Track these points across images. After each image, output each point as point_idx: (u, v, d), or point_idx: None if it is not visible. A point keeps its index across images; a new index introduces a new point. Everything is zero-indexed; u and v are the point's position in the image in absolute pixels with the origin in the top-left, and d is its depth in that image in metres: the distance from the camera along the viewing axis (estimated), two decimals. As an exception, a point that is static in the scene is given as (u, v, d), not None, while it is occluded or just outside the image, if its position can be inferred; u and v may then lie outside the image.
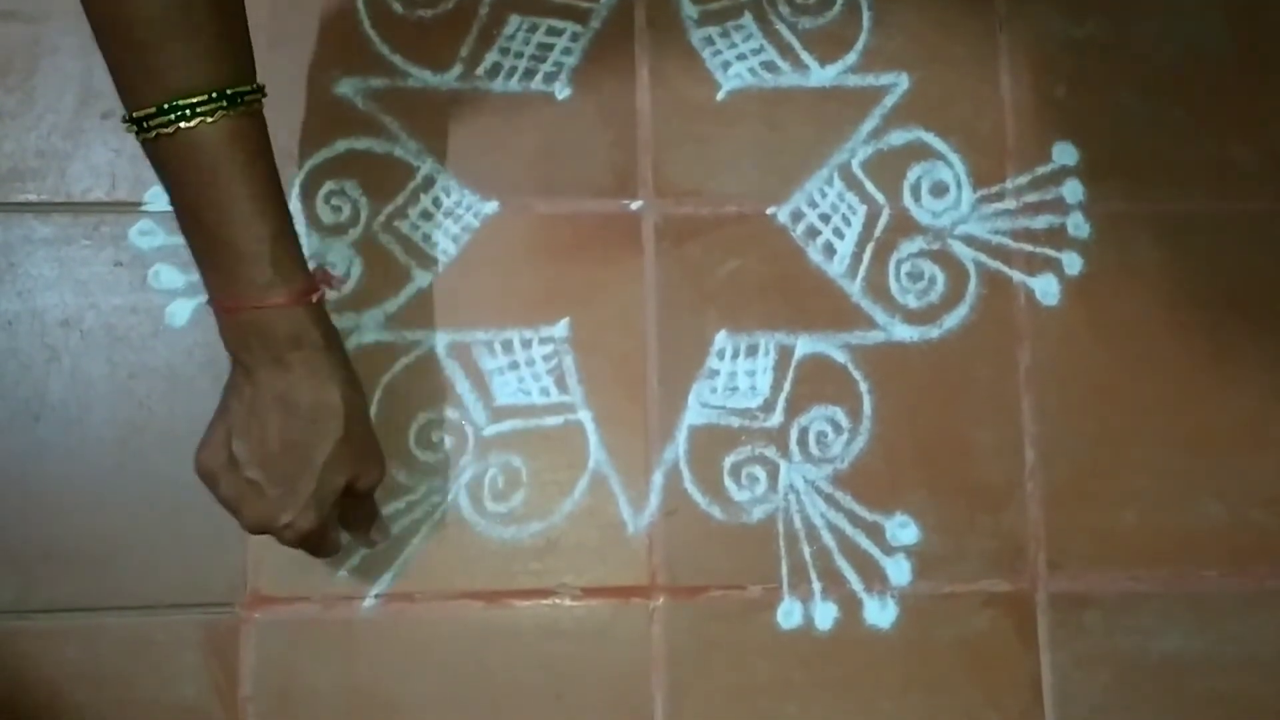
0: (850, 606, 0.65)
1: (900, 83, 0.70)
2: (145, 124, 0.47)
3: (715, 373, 0.67)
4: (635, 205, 0.68)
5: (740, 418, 0.67)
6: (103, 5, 0.46)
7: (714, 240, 0.68)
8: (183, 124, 0.46)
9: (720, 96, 0.70)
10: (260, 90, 0.49)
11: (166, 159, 0.48)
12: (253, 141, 0.49)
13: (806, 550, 0.66)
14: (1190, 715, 0.66)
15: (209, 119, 0.46)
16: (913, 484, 0.67)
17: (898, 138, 0.70)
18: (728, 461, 0.66)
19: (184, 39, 0.46)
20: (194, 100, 0.46)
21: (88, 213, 0.66)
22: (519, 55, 0.69)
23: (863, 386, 0.67)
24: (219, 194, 0.48)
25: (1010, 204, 0.70)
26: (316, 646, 0.63)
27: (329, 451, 0.51)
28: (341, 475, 0.52)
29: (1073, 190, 0.70)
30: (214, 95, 0.46)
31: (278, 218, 0.50)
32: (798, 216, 0.69)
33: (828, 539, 0.66)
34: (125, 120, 0.47)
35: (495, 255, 0.67)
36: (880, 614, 0.65)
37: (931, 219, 0.69)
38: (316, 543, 0.54)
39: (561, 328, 0.67)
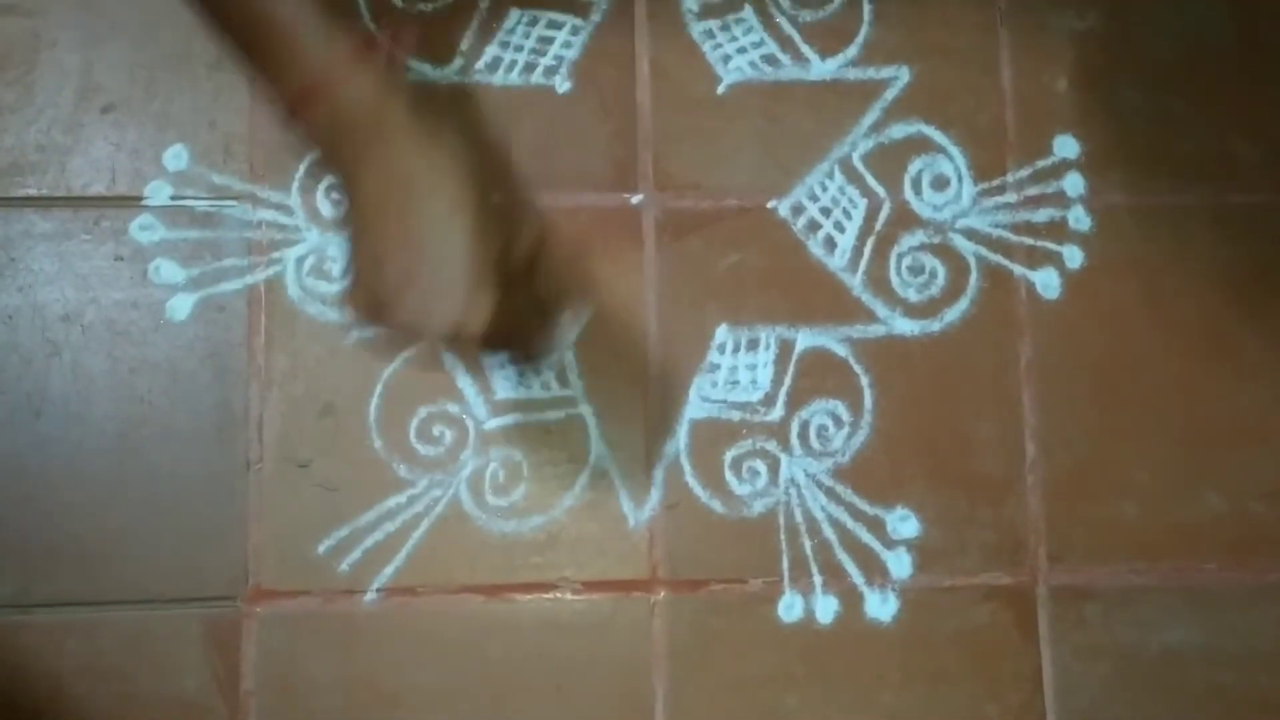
0: (851, 600, 0.66)
1: (901, 76, 0.70)
2: None
3: (716, 366, 0.67)
4: (636, 199, 0.68)
5: (741, 411, 0.67)
6: None
7: (715, 234, 0.68)
8: None
9: (721, 90, 0.70)
10: None
11: None
12: None
13: (807, 544, 0.66)
14: (1190, 708, 0.66)
15: None
16: (913, 477, 0.67)
17: (898, 131, 0.70)
18: (728, 455, 0.66)
19: None
20: None
21: (88, 207, 0.66)
22: (519, 49, 0.69)
23: (864, 380, 0.67)
24: None
25: (1011, 197, 0.70)
26: (318, 640, 0.63)
27: (470, 213, 0.47)
28: (494, 238, 0.48)
29: (1073, 183, 0.70)
30: None
31: None
32: (798, 210, 0.69)
33: (828, 532, 0.66)
34: None
35: (496, 249, 0.67)
36: (881, 607, 0.66)
37: (932, 212, 0.69)
38: (515, 339, 0.49)
39: (562, 322, 0.67)
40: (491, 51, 0.69)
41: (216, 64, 0.67)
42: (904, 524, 0.66)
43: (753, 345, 0.67)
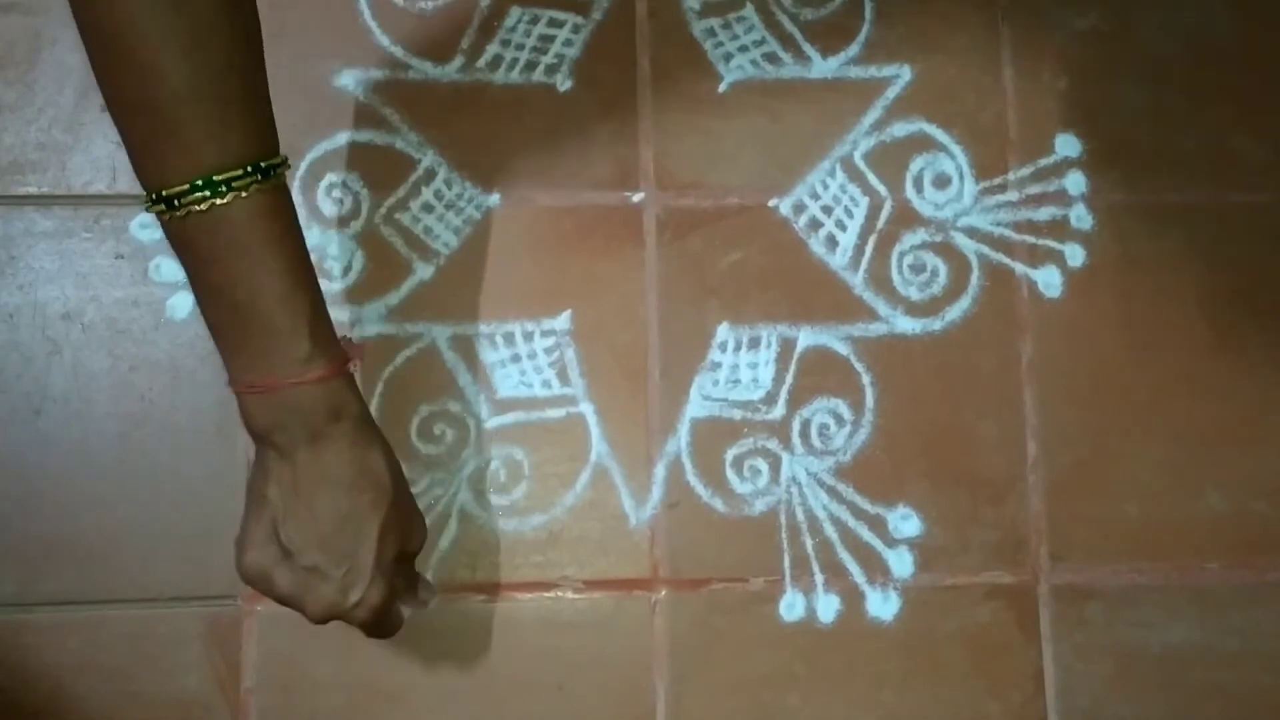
0: (852, 599, 0.66)
1: (902, 74, 0.70)
2: (176, 202, 0.44)
3: (717, 365, 0.67)
4: (637, 197, 0.68)
5: (742, 410, 0.67)
6: (129, 85, 0.43)
7: (716, 232, 0.68)
8: (217, 200, 0.44)
9: (722, 88, 0.69)
10: (285, 161, 0.47)
11: (196, 238, 0.45)
12: (284, 213, 0.46)
13: (809, 542, 0.66)
14: (1191, 707, 0.66)
15: (243, 193, 0.44)
16: (915, 476, 0.67)
17: (900, 129, 0.70)
18: (730, 454, 0.66)
19: (218, 113, 0.44)
20: (228, 175, 0.44)
21: (89, 205, 0.66)
22: (520, 47, 0.69)
23: (865, 379, 0.67)
24: (253, 270, 0.45)
25: (1012, 196, 0.70)
26: (319, 639, 0.63)
27: (383, 517, 0.49)
28: (396, 540, 0.51)
29: (1075, 182, 0.70)
30: (248, 169, 0.44)
31: (313, 289, 0.48)
32: (800, 208, 0.69)
33: (830, 531, 0.66)
34: (150, 201, 0.44)
35: (497, 248, 0.67)
36: (882, 606, 0.66)
37: (934, 211, 0.69)
38: (385, 618, 0.52)
39: (563, 320, 0.67)
40: (492, 50, 0.69)
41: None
42: (905, 523, 0.66)
43: (754, 344, 0.67)
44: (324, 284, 0.53)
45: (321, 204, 0.66)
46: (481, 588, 0.64)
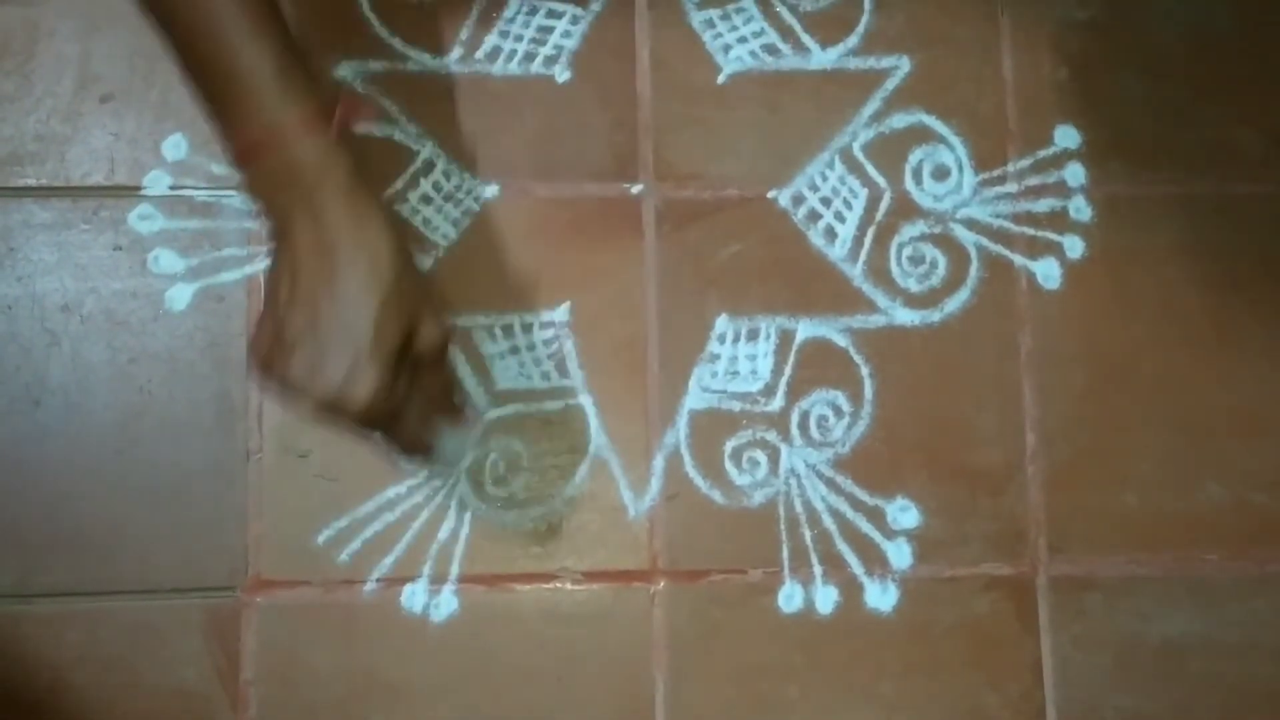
0: (851, 590, 0.66)
1: (902, 65, 0.70)
2: None
3: (716, 357, 0.67)
4: (636, 189, 0.68)
5: (741, 402, 0.67)
6: None
7: (715, 224, 0.68)
8: None
9: (721, 79, 0.69)
10: None
11: None
12: None
13: (807, 534, 0.66)
14: (1190, 698, 0.66)
15: None
16: (914, 468, 0.67)
17: (899, 121, 0.70)
18: (729, 445, 0.66)
19: None
20: None
21: (87, 197, 0.66)
22: (519, 38, 0.69)
23: (864, 370, 0.67)
24: (214, 17, 0.46)
25: (1012, 187, 0.69)
26: (318, 630, 0.63)
27: (381, 295, 0.47)
28: (397, 325, 0.48)
29: (1074, 173, 0.70)
30: None
31: (278, 36, 0.47)
32: (799, 200, 0.69)
33: (829, 523, 0.66)
34: None
35: (495, 239, 0.67)
36: (881, 598, 0.66)
37: (933, 202, 0.69)
38: (394, 423, 0.49)
39: (562, 312, 0.67)
40: (491, 41, 0.69)
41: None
42: (904, 514, 0.66)
43: (753, 335, 0.67)
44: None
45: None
46: (480, 579, 0.64)
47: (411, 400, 0.50)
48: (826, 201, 0.69)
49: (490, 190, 0.67)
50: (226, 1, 0.46)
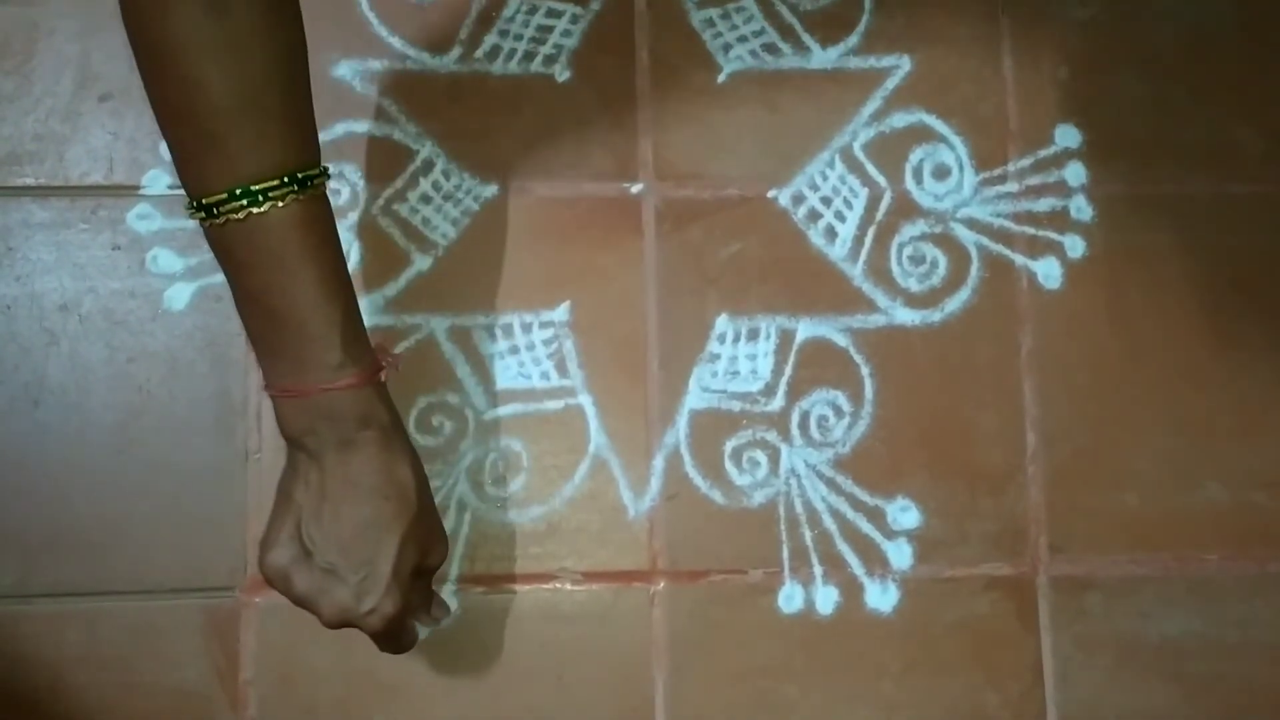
0: (851, 590, 0.65)
1: (902, 65, 0.70)
2: (215, 210, 0.45)
3: (716, 356, 0.67)
4: (636, 188, 0.68)
5: (741, 401, 0.67)
6: (172, 95, 0.44)
7: (715, 223, 0.68)
8: (254, 209, 0.44)
9: (721, 79, 0.69)
10: (325, 172, 0.47)
11: (234, 245, 0.46)
12: (321, 223, 0.47)
13: (807, 534, 0.66)
14: (1190, 698, 0.66)
15: (280, 204, 0.45)
16: (914, 468, 0.67)
17: (899, 120, 0.69)
18: (729, 445, 0.66)
19: (256, 125, 0.44)
20: (265, 185, 0.44)
21: (86, 196, 0.66)
22: (518, 38, 0.69)
23: (864, 370, 0.67)
24: (289, 278, 0.46)
25: (1012, 187, 0.69)
26: (317, 630, 0.63)
27: (405, 528, 0.50)
28: (415, 552, 0.51)
29: (1075, 173, 0.70)
30: (285, 180, 0.45)
31: (348, 298, 0.48)
32: (799, 199, 0.69)
33: (829, 523, 0.66)
34: (191, 207, 0.46)
35: (495, 239, 0.67)
36: (881, 598, 0.65)
37: (933, 202, 0.69)
38: (398, 630, 0.52)
39: (562, 311, 0.67)
40: (490, 40, 0.68)
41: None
42: (904, 514, 0.66)
43: (753, 335, 0.67)
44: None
45: (319, 195, 0.66)
46: (480, 579, 0.64)
47: (410, 609, 0.53)
48: (827, 201, 0.69)
49: (490, 189, 0.67)
50: (306, 262, 0.46)
